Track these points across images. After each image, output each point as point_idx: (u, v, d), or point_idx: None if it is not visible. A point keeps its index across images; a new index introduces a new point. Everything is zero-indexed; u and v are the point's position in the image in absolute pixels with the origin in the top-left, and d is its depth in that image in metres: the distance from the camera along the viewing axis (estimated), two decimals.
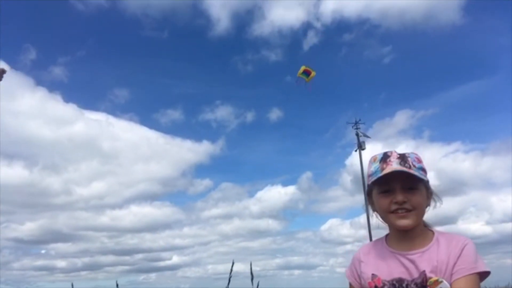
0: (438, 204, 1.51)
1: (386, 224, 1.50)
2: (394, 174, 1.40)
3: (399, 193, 1.41)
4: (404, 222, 1.41)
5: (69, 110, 35.24)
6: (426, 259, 1.39)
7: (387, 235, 1.55)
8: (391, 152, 1.46)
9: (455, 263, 1.35)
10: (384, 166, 1.43)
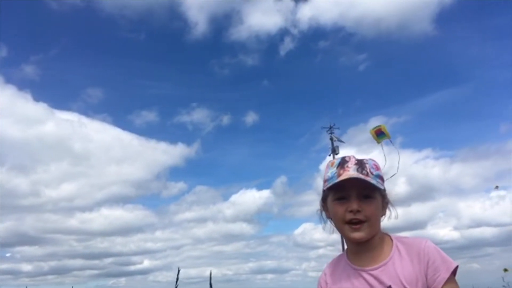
0: (393, 214, 1.46)
1: (340, 234, 1.44)
2: (351, 181, 1.34)
3: (354, 201, 1.36)
4: (358, 235, 1.36)
5: (39, 109, 34.34)
6: (389, 272, 1.34)
7: (347, 250, 1.49)
8: (350, 157, 1.41)
9: (426, 273, 1.31)
10: (341, 172, 1.38)
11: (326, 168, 1.46)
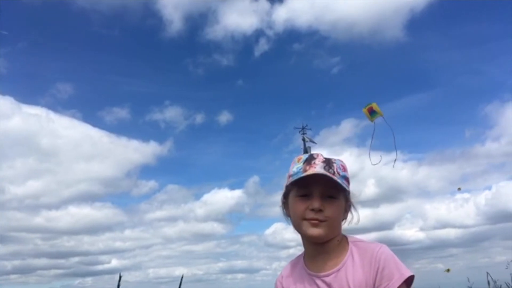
0: (354, 219, 1.40)
1: (299, 233, 1.38)
2: (316, 178, 1.29)
3: (317, 199, 1.30)
4: (315, 231, 1.30)
5: (5, 103, 32.85)
6: (341, 280, 1.29)
7: (304, 252, 1.44)
8: (317, 155, 1.36)
9: (374, 281, 1.25)
10: (307, 168, 1.32)
11: (292, 163, 1.40)
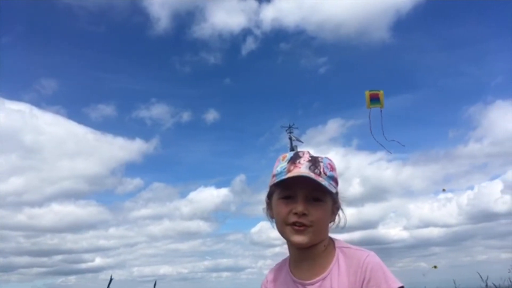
0: (342, 222, 1.32)
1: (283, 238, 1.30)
2: (300, 179, 1.20)
3: (301, 202, 1.21)
4: (299, 238, 1.22)
5: None
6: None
7: (290, 255, 1.36)
8: (303, 153, 1.27)
9: None
10: (292, 167, 1.23)
11: (277, 161, 1.31)
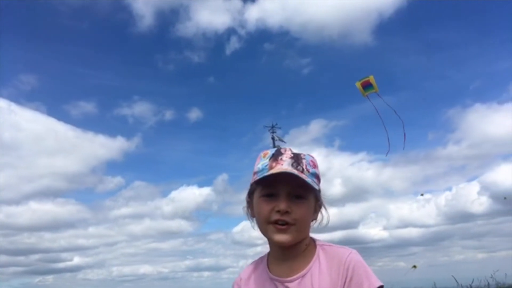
0: (324, 220, 1.31)
1: (265, 236, 1.28)
2: (282, 176, 1.18)
3: (283, 200, 1.19)
4: (282, 237, 1.19)
5: None
6: (306, 286, 1.20)
7: (269, 253, 1.33)
8: (285, 150, 1.25)
9: None
10: (274, 164, 1.21)
11: (258, 158, 1.28)
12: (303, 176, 1.19)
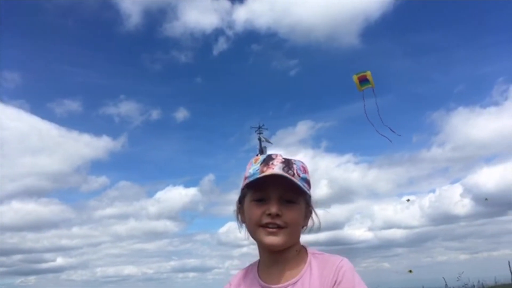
0: (315, 225, 1.31)
1: (255, 241, 1.28)
2: (274, 180, 1.19)
3: (274, 204, 1.20)
4: (273, 239, 1.20)
5: None
6: None
7: (259, 260, 1.33)
8: (276, 155, 1.26)
9: None
10: (265, 169, 1.22)
11: (249, 164, 1.29)
12: (294, 179, 1.20)
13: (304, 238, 1.36)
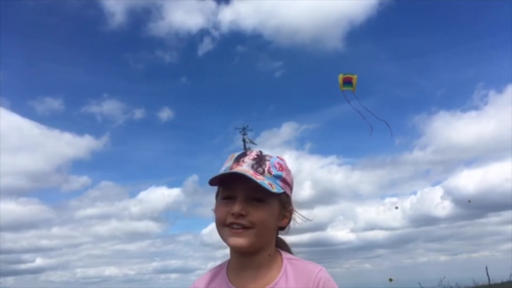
0: (297, 226, 1.26)
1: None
2: (240, 178, 1.12)
3: (238, 202, 1.13)
4: (236, 240, 1.13)
5: None
6: None
7: (229, 262, 1.25)
8: (251, 152, 1.20)
9: None
10: (234, 166, 1.16)
11: (226, 161, 1.24)
12: (258, 177, 1.12)
13: (288, 239, 1.30)
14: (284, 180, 1.19)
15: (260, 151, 1.21)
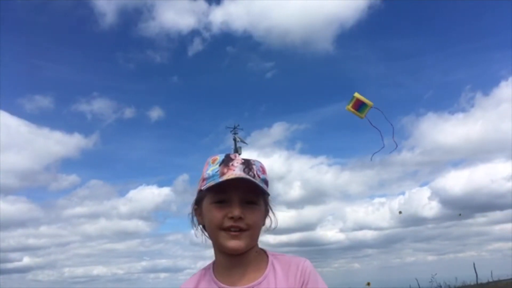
0: (272, 225, 1.30)
1: (212, 242, 1.25)
2: (235, 182, 1.16)
3: (236, 206, 1.17)
4: (236, 243, 1.17)
5: None
6: None
7: (214, 262, 1.28)
8: (235, 156, 1.23)
9: None
10: (225, 170, 1.18)
11: (206, 165, 1.25)
12: (256, 182, 1.18)
13: (278, 239, 1.34)
14: (267, 183, 1.26)
15: (238, 155, 1.25)
